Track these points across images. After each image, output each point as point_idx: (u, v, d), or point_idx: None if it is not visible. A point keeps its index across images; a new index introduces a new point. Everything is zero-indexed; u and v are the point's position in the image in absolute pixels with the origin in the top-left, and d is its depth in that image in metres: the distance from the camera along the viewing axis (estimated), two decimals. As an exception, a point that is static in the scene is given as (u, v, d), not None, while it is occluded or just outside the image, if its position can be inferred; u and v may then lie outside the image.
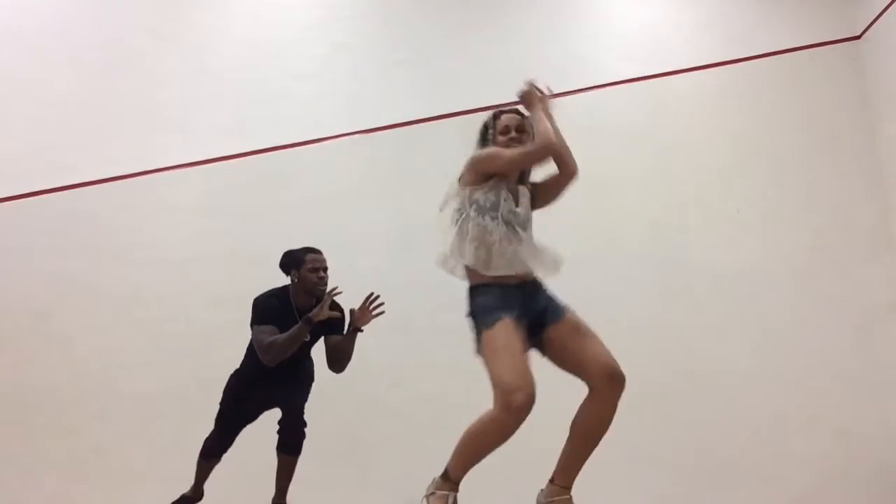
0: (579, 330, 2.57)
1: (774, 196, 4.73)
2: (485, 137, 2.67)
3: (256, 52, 4.62)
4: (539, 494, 2.54)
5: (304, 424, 3.42)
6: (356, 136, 4.52)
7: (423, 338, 4.25)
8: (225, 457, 4.00)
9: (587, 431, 2.62)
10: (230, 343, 4.17)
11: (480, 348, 2.50)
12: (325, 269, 3.37)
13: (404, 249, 4.41)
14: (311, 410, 4.12)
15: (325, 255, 4.36)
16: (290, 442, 3.37)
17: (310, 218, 4.41)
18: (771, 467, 4.27)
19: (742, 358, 4.44)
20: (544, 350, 2.58)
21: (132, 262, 4.23)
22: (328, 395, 4.17)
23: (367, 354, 4.24)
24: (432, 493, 2.55)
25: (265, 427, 4.10)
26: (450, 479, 2.57)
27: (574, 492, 2.53)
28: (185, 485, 3.95)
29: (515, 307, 2.50)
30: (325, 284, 3.35)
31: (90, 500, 3.90)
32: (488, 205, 2.58)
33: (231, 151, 4.42)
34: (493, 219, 2.57)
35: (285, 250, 3.37)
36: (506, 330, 2.46)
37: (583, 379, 2.58)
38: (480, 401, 2.46)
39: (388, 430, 4.13)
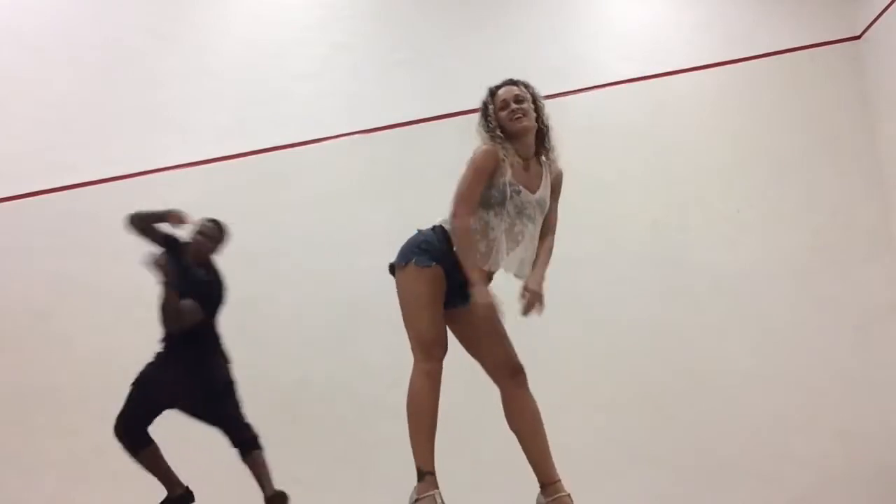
0: (479, 325, 2.56)
1: (774, 196, 4.73)
2: (486, 116, 2.58)
3: (256, 52, 4.62)
4: (538, 497, 2.54)
5: (244, 420, 3.43)
6: (356, 136, 4.52)
7: (423, 338, 4.25)
8: (224, 456, 4.00)
9: (524, 426, 2.59)
10: (230, 343, 4.18)
11: (400, 279, 2.57)
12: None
13: (404, 249, 4.41)
14: (311, 410, 4.14)
15: (326, 255, 4.38)
16: (246, 441, 3.40)
17: (310, 218, 4.41)
18: (771, 467, 4.27)
19: (742, 358, 4.44)
20: (450, 324, 2.61)
21: (132, 262, 4.21)
22: (328, 395, 4.18)
23: (367, 354, 4.25)
24: (416, 500, 2.57)
25: (266, 427, 4.10)
26: (424, 475, 2.60)
27: (574, 492, 2.53)
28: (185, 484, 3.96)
29: (448, 273, 2.50)
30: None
31: (90, 500, 3.90)
32: (494, 200, 2.52)
33: (231, 151, 4.42)
34: (496, 214, 2.53)
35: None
36: (436, 280, 2.50)
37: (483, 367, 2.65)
38: (481, 400, 2.47)
39: (388, 430, 4.10)
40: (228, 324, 4.20)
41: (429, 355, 2.53)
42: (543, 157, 2.59)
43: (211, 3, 4.74)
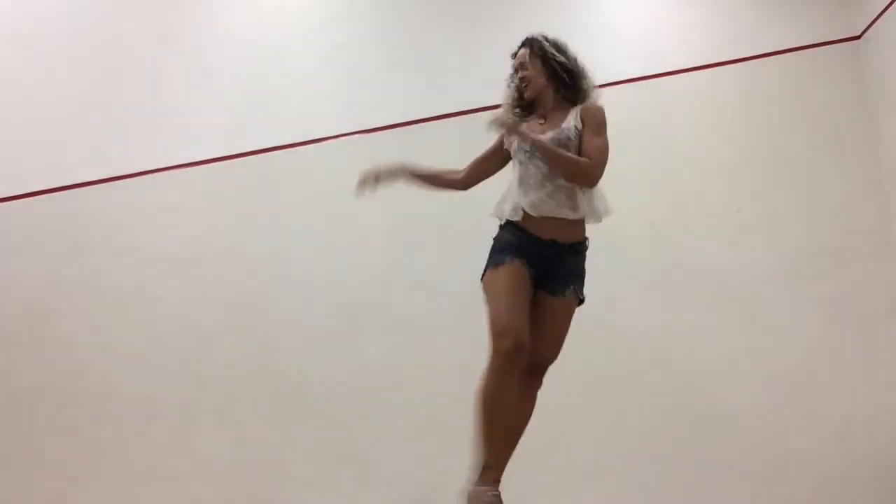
0: (549, 319, 2.51)
1: (774, 196, 4.73)
2: (510, 85, 2.68)
3: (256, 52, 4.62)
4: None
5: None
6: (356, 136, 4.52)
7: (423, 338, 4.25)
8: (224, 457, 4.02)
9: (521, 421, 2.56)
10: (230, 343, 4.19)
11: (483, 289, 2.48)
12: None
13: (404, 249, 4.41)
14: (311, 410, 4.14)
15: (325, 254, 4.38)
16: None
17: (310, 218, 4.41)
18: (771, 467, 4.27)
19: (742, 358, 4.44)
20: (532, 309, 2.50)
21: (132, 262, 4.23)
22: (328, 395, 4.18)
23: (367, 354, 4.25)
24: (473, 488, 2.36)
25: (266, 427, 4.11)
26: (483, 469, 2.36)
27: (574, 491, 2.53)
28: (185, 485, 3.98)
29: (528, 254, 2.44)
30: None
31: (90, 500, 3.90)
32: (511, 155, 2.58)
33: (231, 151, 4.42)
34: (513, 167, 2.57)
35: None
36: (509, 271, 2.42)
37: None
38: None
39: (388, 430, 4.13)
40: (228, 324, 4.22)
41: (496, 347, 2.35)
42: (578, 100, 2.59)
43: (211, 3, 4.74)
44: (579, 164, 2.48)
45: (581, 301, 2.60)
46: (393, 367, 4.23)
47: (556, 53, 2.59)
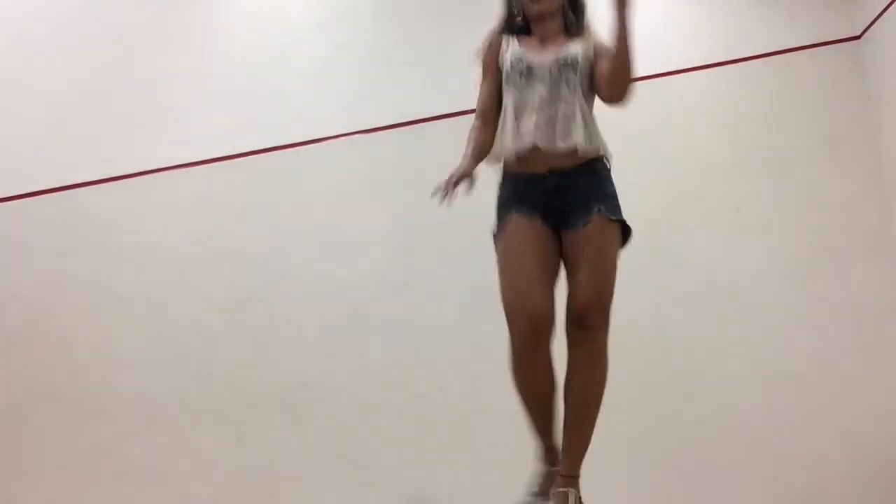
0: (581, 255, 2.11)
1: (774, 196, 4.73)
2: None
3: (256, 52, 4.62)
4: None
5: None
6: (356, 136, 4.52)
7: (423, 338, 4.25)
8: (224, 457, 4.01)
9: (568, 399, 2.16)
10: (230, 343, 4.19)
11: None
12: None
13: (404, 249, 4.41)
14: (310, 410, 4.14)
15: (326, 255, 4.38)
16: None
17: (310, 218, 4.41)
18: (771, 467, 4.27)
19: (742, 358, 4.44)
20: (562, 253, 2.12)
21: (132, 262, 4.23)
22: (328, 395, 4.18)
23: (367, 354, 4.25)
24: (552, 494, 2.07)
25: (266, 427, 4.11)
26: (546, 464, 2.10)
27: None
28: (185, 485, 3.98)
29: (529, 200, 2.10)
30: None
31: (90, 500, 3.90)
32: (504, 78, 2.24)
33: (231, 151, 4.42)
34: (507, 93, 2.21)
35: None
36: (511, 232, 2.09)
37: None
38: (481, 401, 2.46)
39: (389, 430, 4.13)
40: (228, 324, 4.22)
41: (513, 330, 2.03)
42: (578, 31, 2.28)
43: (211, 3, 4.74)
44: (633, 67, 2.09)
45: (625, 228, 2.21)
46: (393, 367, 4.23)
47: None
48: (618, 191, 2.37)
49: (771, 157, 4.79)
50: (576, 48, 2.24)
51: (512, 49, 2.30)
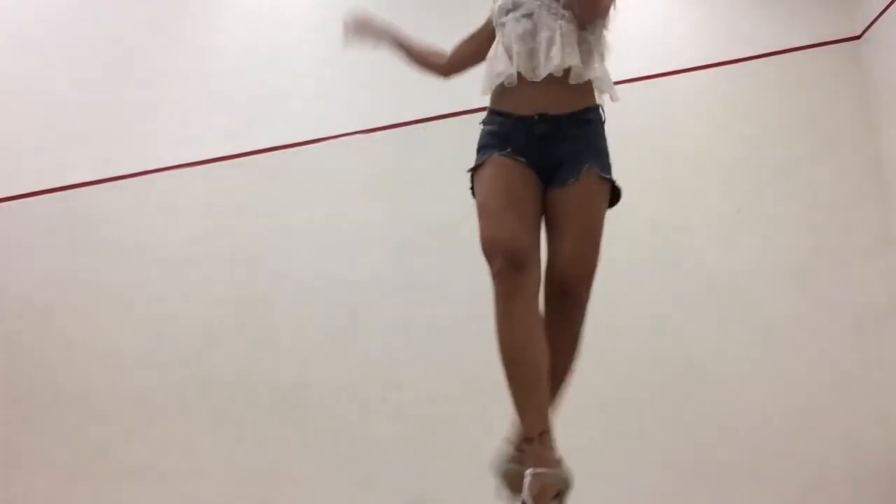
0: (567, 215, 1.94)
1: (774, 196, 4.73)
2: None
3: (256, 51, 4.62)
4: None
5: None
6: (356, 136, 4.52)
7: (424, 338, 4.25)
8: (224, 457, 4.01)
9: (558, 358, 1.96)
10: (230, 343, 4.19)
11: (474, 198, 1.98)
12: None
13: (404, 249, 4.41)
14: (310, 411, 4.14)
15: (326, 255, 4.38)
16: None
17: (310, 218, 4.41)
18: (771, 467, 4.27)
19: (742, 358, 4.44)
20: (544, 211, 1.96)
21: (132, 262, 4.23)
22: (328, 395, 4.18)
23: (367, 354, 4.25)
24: (504, 466, 1.93)
25: (266, 427, 4.11)
26: (523, 437, 1.88)
27: (574, 492, 2.51)
28: (185, 485, 3.98)
29: (514, 143, 1.94)
30: None
31: (90, 500, 3.90)
32: (495, 23, 2.12)
33: (231, 151, 4.42)
34: (498, 33, 2.08)
35: None
36: (491, 171, 1.92)
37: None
38: (481, 401, 2.46)
39: (389, 430, 4.13)
40: (228, 324, 4.22)
41: (492, 268, 1.82)
42: None
43: (211, 4, 4.74)
44: None
45: (615, 187, 2.05)
46: (393, 367, 4.23)
47: None
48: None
49: (771, 157, 4.79)
50: None
51: None
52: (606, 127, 2.24)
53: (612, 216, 2.25)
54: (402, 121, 4.53)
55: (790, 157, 4.80)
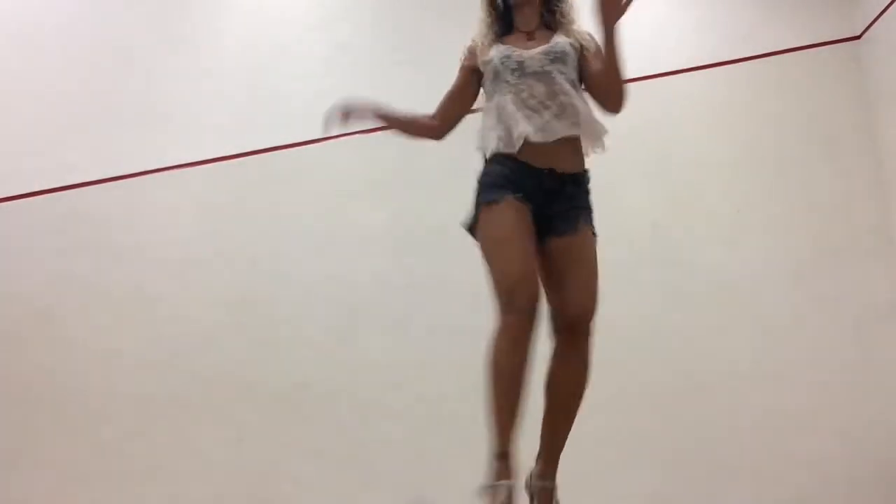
0: (570, 262, 2.17)
1: (774, 196, 4.73)
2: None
3: (257, 51, 4.62)
4: (527, 478, 2.29)
5: None
6: (356, 136, 4.51)
7: (423, 338, 4.25)
8: (224, 457, 4.01)
9: (557, 395, 2.20)
10: (230, 343, 4.19)
11: (477, 236, 2.18)
12: None
13: (404, 249, 4.41)
14: (311, 410, 4.14)
15: (325, 255, 4.38)
16: None
17: (310, 218, 4.41)
18: (771, 467, 4.27)
19: (742, 358, 4.44)
20: (542, 260, 2.18)
21: (132, 262, 4.23)
22: (328, 395, 4.18)
23: (367, 354, 4.25)
24: (485, 487, 2.02)
25: (266, 427, 4.11)
26: (495, 457, 2.01)
27: (574, 492, 2.52)
28: (185, 485, 3.98)
29: (524, 188, 2.13)
30: None
31: (90, 500, 3.90)
32: (491, 79, 2.28)
33: (231, 151, 4.42)
34: (500, 92, 2.24)
35: None
36: (507, 210, 2.10)
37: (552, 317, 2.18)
38: (481, 401, 2.46)
39: (389, 430, 4.13)
40: (228, 324, 4.22)
41: (506, 305, 2.02)
42: (560, 28, 2.32)
43: (211, 3, 4.74)
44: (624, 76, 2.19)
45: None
46: (393, 367, 4.23)
47: None
48: (618, 191, 2.44)
49: (771, 157, 4.80)
50: (562, 41, 2.28)
51: (497, 48, 2.32)
52: (606, 127, 2.39)
53: (612, 216, 2.35)
54: (402, 121, 4.53)
55: (790, 157, 4.80)
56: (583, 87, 2.35)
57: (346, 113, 2.47)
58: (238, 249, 4.33)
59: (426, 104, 4.55)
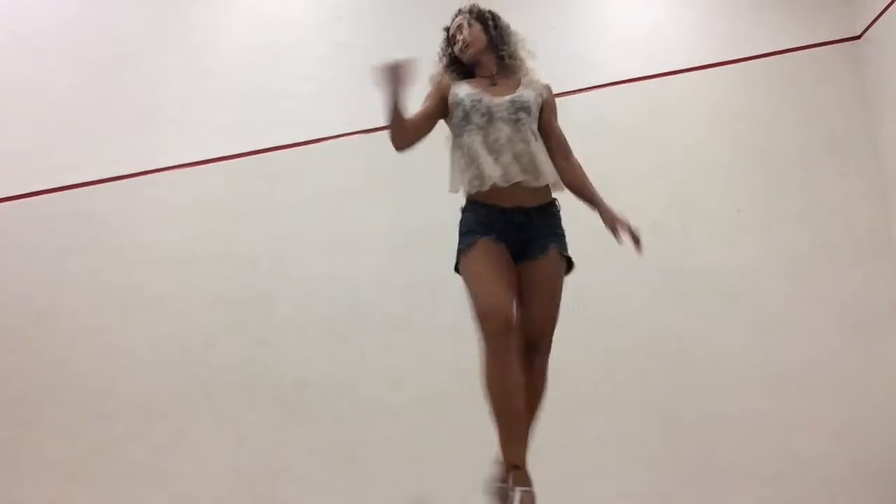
0: (536, 284, 2.42)
1: (774, 196, 4.73)
2: (441, 52, 2.70)
3: (256, 52, 4.62)
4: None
5: None
6: (356, 136, 4.52)
7: (423, 338, 4.25)
8: (224, 457, 4.00)
9: (529, 401, 2.40)
10: (230, 343, 4.18)
11: (461, 275, 2.45)
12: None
13: (404, 249, 4.40)
14: (311, 410, 4.14)
15: (326, 255, 4.38)
16: None
17: (310, 218, 4.41)
18: (771, 467, 4.27)
19: (741, 357, 4.44)
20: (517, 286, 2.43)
21: (132, 262, 4.23)
22: (328, 395, 4.18)
23: (367, 354, 4.25)
24: (495, 486, 2.33)
25: (266, 427, 4.11)
26: (503, 462, 2.30)
27: (574, 492, 2.52)
28: (185, 485, 3.98)
29: (496, 229, 2.40)
30: None
31: (90, 500, 3.89)
32: (458, 120, 2.50)
33: (231, 151, 4.42)
34: (468, 132, 2.47)
35: None
36: (481, 250, 2.38)
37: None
38: (481, 401, 2.46)
39: (389, 430, 4.13)
40: (228, 324, 4.22)
41: (486, 330, 2.26)
42: (518, 72, 2.58)
43: (211, 4, 4.74)
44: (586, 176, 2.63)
45: (569, 262, 2.52)
46: (393, 367, 4.23)
47: (490, 17, 2.66)
48: (618, 191, 2.66)
49: (771, 157, 4.80)
50: (527, 93, 2.52)
51: (465, 90, 2.54)
52: (607, 127, 2.52)
53: None
54: (402, 121, 4.53)
55: (790, 157, 4.80)
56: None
57: (396, 70, 2.43)
58: (238, 249, 4.32)
59: (426, 104, 4.58)
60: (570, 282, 2.63)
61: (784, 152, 4.80)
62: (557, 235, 2.48)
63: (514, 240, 2.41)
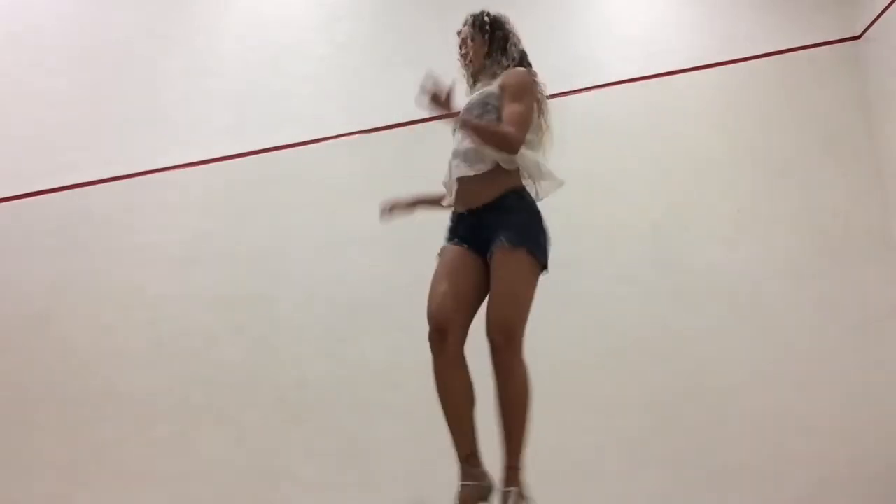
0: (493, 274, 2.37)
1: (774, 196, 4.73)
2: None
3: (256, 52, 4.62)
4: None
5: None
6: (356, 136, 4.52)
7: (423, 338, 4.24)
8: (224, 457, 4.01)
9: (497, 406, 2.37)
10: (230, 343, 4.19)
11: None
12: None
13: (404, 249, 4.40)
14: (310, 411, 4.14)
15: (325, 254, 4.38)
16: None
17: (310, 218, 4.41)
18: (771, 467, 4.27)
19: (742, 358, 4.44)
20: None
21: (132, 262, 4.23)
22: (328, 395, 4.18)
23: (367, 354, 4.25)
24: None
25: (266, 427, 4.11)
26: (459, 462, 2.44)
27: (574, 492, 2.52)
28: (185, 485, 3.98)
29: (459, 234, 2.48)
30: None
31: (90, 501, 3.90)
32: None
33: (231, 151, 4.42)
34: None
35: None
36: (442, 257, 2.48)
37: None
38: (480, 401, 2.47)
39: (389, 430, 4.13)
40: (228, 324, 4.22)
41: (429, 333, 2.40)
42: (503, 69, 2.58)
43: (211, 4, 4.74)
44: (497, 134, 2.38)
45: (532, 254, 2.37)
46: (393, 367, 4.23)
47: (482, 23, 2.72)
48: (618, 191, 2.46)
49: (771, 157, 4.80)
50: (487, 89, 2.52)
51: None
52: (607, 127, 2.50)
53: (611, 216, 2.36)
54: (402, 121, 4.53)
55: (790, 158, 4.80)
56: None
57: (392, 208, 2.80)
58: (238, 249, 4.32)
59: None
60: (569, 282, 2.63)
61: (784, 152, 4.80)
62: (510, 228, 2.37)
63: (477, 241, 2.44)
